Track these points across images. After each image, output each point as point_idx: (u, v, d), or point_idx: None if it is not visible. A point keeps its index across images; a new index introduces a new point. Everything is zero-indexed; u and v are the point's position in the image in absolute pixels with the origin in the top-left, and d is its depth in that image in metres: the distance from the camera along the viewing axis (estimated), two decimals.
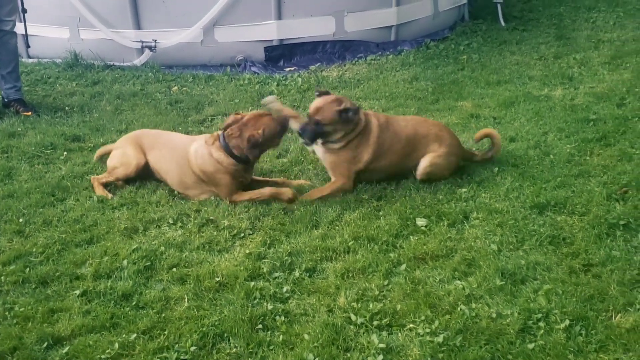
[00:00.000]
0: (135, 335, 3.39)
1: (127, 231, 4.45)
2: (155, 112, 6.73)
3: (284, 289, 3.77)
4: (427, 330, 3.37)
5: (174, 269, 4.00)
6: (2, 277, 3.95)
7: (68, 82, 7.70)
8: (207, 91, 7.41)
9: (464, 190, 4.76)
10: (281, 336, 3.37)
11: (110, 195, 4.92)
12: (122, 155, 5.17)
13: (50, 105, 6.98)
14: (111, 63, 8.21)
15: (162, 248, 4.21)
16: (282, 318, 3.51)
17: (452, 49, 8.87)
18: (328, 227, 4.43)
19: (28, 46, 7.14)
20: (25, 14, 7.04)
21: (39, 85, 7.62)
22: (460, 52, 8.72)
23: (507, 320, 3.39)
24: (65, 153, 5.72)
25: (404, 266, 3.93)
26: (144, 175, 5.15)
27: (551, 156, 5.22)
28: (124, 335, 3.40)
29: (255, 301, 3.67)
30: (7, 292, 3.82)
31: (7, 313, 3.61)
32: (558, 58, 8.07)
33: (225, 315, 3.52)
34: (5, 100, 6.87)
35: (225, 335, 3.40)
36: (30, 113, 6.70)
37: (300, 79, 7.72)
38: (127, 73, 7.95)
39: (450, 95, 7.00)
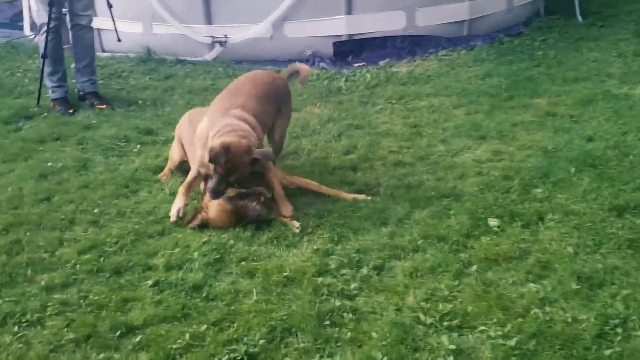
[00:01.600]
0: (205, 326, 3.42)
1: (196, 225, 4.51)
2: None
3: (352, 286, 3.74)
4: (499, 333, 3.28)
5: (243, 263, 4.03)
6: (78, 266, 4.05)
7: (141, 76, 7.86)
8: None
9: (538, 190, 4.64)
10: (349, 333, 3.34)
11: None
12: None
13: (124, 99, 7.14)
14: (183, 58, 8.35)
15: (232, 241, 4.25)
16: (350, 315, 3.49)
17: (527, 44, 8.67)
18: (396, 225, 4.38)
19: (119, 40, 7.34)
20: (111, 9, 7.19)
21: (113, 79, 7.80)
22: (535, 48, 8.51)
23: (583, 325, 3.28)
24: (138, 146, 5.84)
25: (475, 267, 3.85)
26: None
27: (631, 157, 5.03)
28: (194, 326, 3.44)
29: (323, 297, 3.66)
30: (82, 280, 3.91)
31: (81, 301, 3.70)
32: (638, 55, 7.78)
33: (294, 310, 3.52)
34: (81, 93, 7.06)
35: (293, 330, 3.39)
36: (104, 106, 6.87)
37: (369, 75, 7.67)
38: (198, 68, 8.07)
39: (524, 92, 6.84)
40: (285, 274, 3.86)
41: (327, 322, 3.44)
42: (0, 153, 5.77)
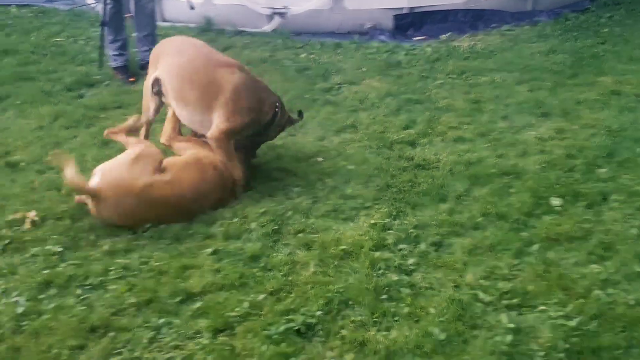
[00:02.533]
0: (263, 295, 3.46)
1: (254, 195, 4.54)
2: (283, 78, 6.79)
3: (409, 262, 3.72)
4: (560, 313, 3.24)
5: (300, 234, 4.04)
6: (139, 233, 4.12)
7: None
8: (334, 59, 7.40)
9: (603, 170, 4.53)
10: (406, 308, 3.33)
11: None
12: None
13: None
14: (242, 29, 8.35)
15: (290, 213, 4.26)
16: (407, 290, 3.47)
17: (593, 21, 8.42)
18: (455, 201, 4.34)
19: (192, 8, 7.37)
20: None
21: None
22: (601, 24, 8.26)
23: None
24: None
25: (536, 246, 3.78)
26: None
27: None
28: (252, 295, 3.47)
29: (380, 271, 3.65)
30: (143, 246, 3.98)
31: (142, 266, 3.77)
32: None
33: (351, 283, 3.52)
34: (142, 62, 7.13)
35: (350, 302, 3.40)
36: None
37: (429, 49, 7.56)
38: (257, 39, 8.07)
39: (589, 70, 6.65)
40: (342, 247, 3.86)
41: (384, 296, 3.44)
42: (64, 119, 5.88)
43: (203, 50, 5.00)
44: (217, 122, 4.57)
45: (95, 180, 4.16)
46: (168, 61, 4.84)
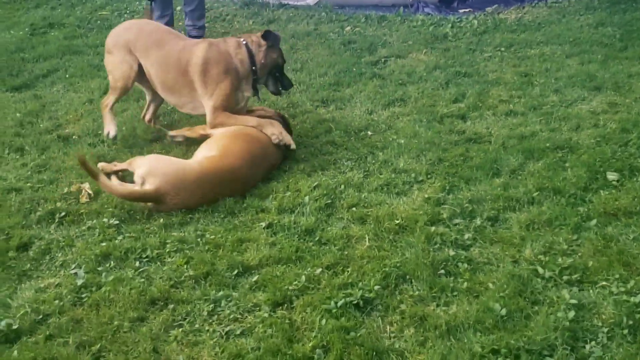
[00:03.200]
0: (320, 270, 3.45)
1: (306, 169, 4.53)
2: (329, 52, 6.75)
3: (466, 237, 3.68)
4: (622, 289, 3.18)
5: (354, 209, 4.03)
6: None
7: (245, 19, 7.88)
8: (379, 32, 7.32)
9: None
10: (465, 283, 3.30)
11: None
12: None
13: None
14: (285, 2, 8.30)
15: (342, 187, 4.25)
16: (465, 265, 3.44)
17: None
18: (510, 176, 4.28)
19: None
20: None
21: (218, 22, 7.85)
22: None
23: None
24: None
25: (594, 221, 3.71)
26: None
27: None
28: (309, 269, 3.47)
29: (436, 246, 3.62)
30: (198, 220, 4.00)
31: (198, 239, 3.79)
32: None
33: (407, 258, 3.50)
34: (189, 34, 7.12)
35: (408, 277, 3.39)
36: None
37: (475, 22, 7.44)
38: (300, 12, 8.01)
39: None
40: (397, 221, 3.84)
41: (442, 271, 3.42)
42: None
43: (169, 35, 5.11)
44: (206, 105, 4.76)
45: (149, 184, 4.10)
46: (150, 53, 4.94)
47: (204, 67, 4.72)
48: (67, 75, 6.37)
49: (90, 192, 4.29)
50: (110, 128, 4.94)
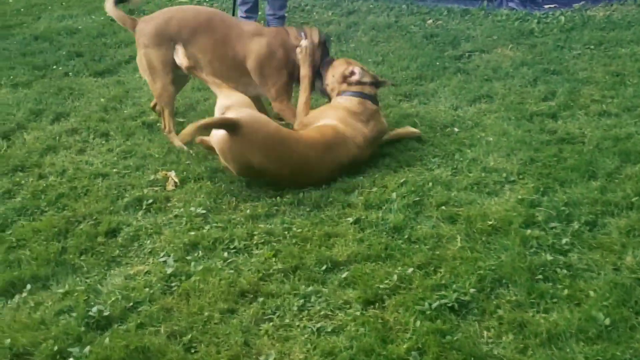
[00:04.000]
0: (411, 269, 3.36)
1: (392, 165, 4.44)
2: (410, 45, 6.62)
3: (563, 241, 3.52)
4: None
5: (443, 207, 3.91)
6: (278, 198, 4.10)
7: (324, 10, 7.80)
8: (462, 26, 7.14)
9: None
10: (565, 290, 3.15)
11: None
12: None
13: None
14: None
15: (430, 184, 4.14)
16: (564, 271, 3.29)
17: None
18: (606, 179, 4.09)
19: None
20: None
21: (297, 12, 7.79)
22: None
23: None
24: None
25: None
26: None
27: None
28: (399, 268, 3.38)
29: (532, 250, 3.48)
30: (284, 212, 3.96)
31: (285, 232, 3.74)
32: None
33: (503, 261, 3.37)
34: (269, 24, 7.08)
35: (504, 281, 3.26)
36: None
37: (562, 18, 7.17)
38: (380, 4, 7.89)
39: None
40: (490, 222, 3.71)
41: (540, 277, 3.28)
42: (195, 81, 5.92)
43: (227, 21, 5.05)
44: (270, 94, 4.88)
45: (234, 113, 4.13)
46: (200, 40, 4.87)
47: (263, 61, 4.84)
48: None
49: (176, 180, 4.29)
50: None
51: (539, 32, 6.82)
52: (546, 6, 7.72)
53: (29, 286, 3.41)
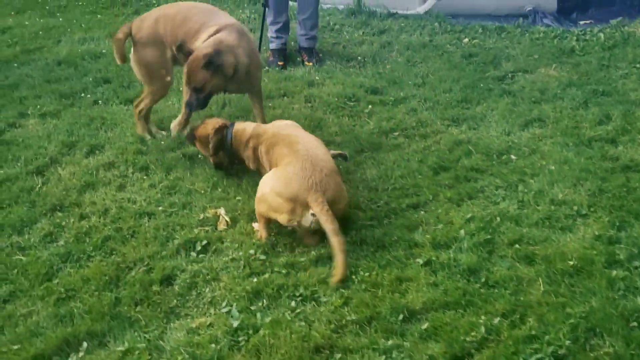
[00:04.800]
0: (498, 319, 3.13)
1: (454, 198, 4.21)
2: (449, 65, 6.39)
3: None
4: None
5: (517, 245, 3.69)
6: None
7: (354, 29, 7.56)
8: (500, 44, 6.90)
9: None
10: None
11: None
12: None
13: (342, 54, 6.88)
14: (394, 11, 7.95)
15: (498, 219, 3.91)
16: None
17: None
18: None
19: None
20: None
21: (326, 32, 7.55)
22: None
23: None
24: (369, 106, 5.57)
25: None
26: None
27: None
28: (483, 317, 3.16)
29: (620, 293, 3.27)
30: (348, 252, 3.71)
31: (353, 277, 3.52)
32: None
33: (593, 307, 3.15)
34: (300, 45, 6.87)
35: (598, 330, 3.03)
36: (310, 63, 6.62)
37: (602, 35, 6.94)
38: (411, 22, 7.65)
39: None
40: (570, 262, 3.49)
41: (634, 324, 3.06)
42: (230, 107, 5.72)
43: None
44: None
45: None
46: None
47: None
48: (180, 88, 6.18)
49: (227, 218, 4.07)
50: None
51: (580, 50, 6.59)
52: (581, 22, 7.51)
53: (85, 344, 3.18)
